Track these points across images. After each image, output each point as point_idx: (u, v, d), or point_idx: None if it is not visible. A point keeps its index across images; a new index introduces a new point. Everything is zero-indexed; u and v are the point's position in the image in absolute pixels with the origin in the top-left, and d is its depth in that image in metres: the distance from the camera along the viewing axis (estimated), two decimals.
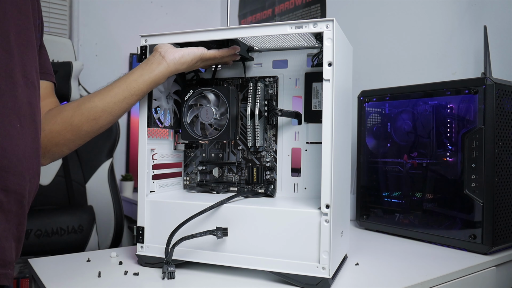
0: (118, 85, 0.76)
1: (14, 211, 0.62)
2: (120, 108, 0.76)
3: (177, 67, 0.79)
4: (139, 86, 0.76)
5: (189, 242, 0.77)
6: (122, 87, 0.76)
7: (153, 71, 0.77)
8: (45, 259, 0.87)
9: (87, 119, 0.74)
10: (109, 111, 0.75)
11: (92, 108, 0.75)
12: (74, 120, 0.74)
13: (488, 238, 0.93)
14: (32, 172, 0.65)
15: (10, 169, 0.61)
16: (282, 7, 2.04)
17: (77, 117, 0.74)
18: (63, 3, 2.11)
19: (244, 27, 0.77)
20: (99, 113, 0.75)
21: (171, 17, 2.37)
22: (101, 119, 0.75)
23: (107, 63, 2.19)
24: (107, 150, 1.69)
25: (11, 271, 0.62)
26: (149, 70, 0.77)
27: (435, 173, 1.05)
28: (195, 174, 0.97)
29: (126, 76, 0.77)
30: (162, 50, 0.79)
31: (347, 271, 0.82)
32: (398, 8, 1.50)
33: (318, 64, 0.88)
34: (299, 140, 0.91)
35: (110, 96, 0.75)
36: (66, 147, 0.76)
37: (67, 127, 0.74)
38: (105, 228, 1.64)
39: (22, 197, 0.63)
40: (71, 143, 0.76)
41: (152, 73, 0.77)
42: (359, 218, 1.21)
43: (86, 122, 0.75)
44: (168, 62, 0.77)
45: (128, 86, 0.76)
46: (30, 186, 0.65)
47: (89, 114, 0.75)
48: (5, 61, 0.62)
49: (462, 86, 0.99)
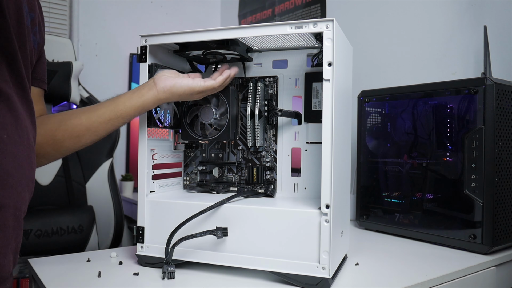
0: (106, 105, 0.76)
1: (11, 226, 0.60)
2: (105, 128, 0.75)
3: (166, 95, 0.77)
4: (126, 109, 0.75)
5: (189, 242, 0.77)
6: (109, 108, 0.75)
7: (142, 96, 0.76)
8: (45, 259, 0.87)
9: (70, 135, 0.74)
10: (93, 130, 0.75)
11: (77, 125, 0.74)
12: (57, 135, 0.74)
13: (488, 238, 0.93)
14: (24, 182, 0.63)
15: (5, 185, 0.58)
16: (282, 7, 2.04)
17: (60, 132, 0.74)
18: (63, 3, 2.11)
19: (244, 27, 0.77)
20: (83, 131, 0.74)
21: (171, 17, 2.38)
22: (84, 137, 0.75)
23: (107, 63, 2.19)
24: (107, 150, 1.69)
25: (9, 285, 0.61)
26: (139, 95, 0.76)
27: (435, 173, 1.05)
28: (195, 174, 0.97)
29: (117, 97, 0.77)
30: (156, 77, 0.78)
31: (347, 271, 0.82)
32: (398, 8, 1.50)
33: (318, 64, 0.88)
34: (299, 140, 0.91)
35: (96, 116, 0.75)
36: (45, 159, 0.76)
37: (49, 140, 0.74)
38: (105, 228, 1.64)
39: (17, 210, 0.61)
40: (50, 156, 0.76)
41: (140, 98, 0.76)
42: (359, 218, 1.21)
43: (69, 139, 0.74)
44: (158, 89, 0.76)
45: (115, 108, 0.75)
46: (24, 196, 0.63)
47: (72, 130, 0.74)
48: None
49: (462, 86, 0.99)
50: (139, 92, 0.77)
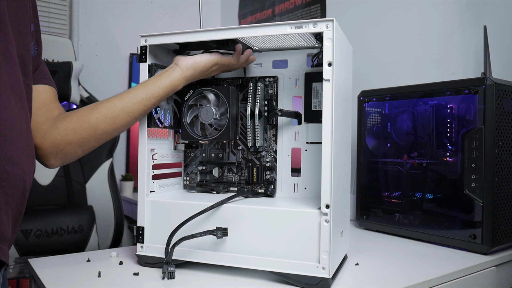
0: (136, 88, 0.79)
1: (18, 186, 0.62)
2: (138, 109, 0.77)
3: (190, 72, 0.82)
4: (156, 89, 0.78)
5: (189, 242, 0.77)
6: (140, 90, 0.78)
7: (168, 76, 0.80)
8: (45, 259, 0.87)
9: (105, 117, 0.75)
10: (128, 111, 0.76)
11: (111, 106, 0.76)
12: (92, 118, 0.74)
13: (488, 238, 0.93)
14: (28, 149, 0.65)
15: (12, 141, 0.60)
16: (282, 7, 2.04)
17: (94, 115, 0.74)
18: (63, 3, 2.11)
19: (244, 27, 0.77)
20: (117, 112, 0.75)
21: (171, 17, 2.37)
22: (119, 118, 0.76)
23: (107, 63, 2.19)
24: (107, 150, 1.69)
25: (7, 248, 0.61)
26: (165, 76, 0.80)
27: (435, 173, 1.05)
28: (195, 174, 0.97)
29: (144, 82, 0.80)
30: (176, 59, 0.83)
31: (347, 271, 0.82)
32: (398, 8, 1.50)
33: (318, 64, 0.88)
34: (299, 140, 0.91)
35: (128, 97, 0.77)
36: (80, 147, 0.75)
37: (84, 124, 0.74)
38: (105, 228, 1.64)
39: (23, 172, 0.62)
40: (85, 143, 0.75)
41: (168, 78, 0.79)
42: (359, 218, 1.21)
43: (104, 121, 0.75)
44: (182, 68, 0.81)
45: (146, 89, 0.78)
46: (28, 165, 0.64)
47: (107, 112, 0.75)
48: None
49: (462, 86, 0.99)
50: (165, 74, 0.80)
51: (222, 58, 0.84)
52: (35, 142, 0.72)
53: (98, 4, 2.16)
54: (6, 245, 0.61)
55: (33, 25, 0.74)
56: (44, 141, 0.72)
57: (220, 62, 0.84)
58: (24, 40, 0.68)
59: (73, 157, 0.76)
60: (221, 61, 0.84)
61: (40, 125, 0.73)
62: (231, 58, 0.85)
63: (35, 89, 0.75)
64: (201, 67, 0.82)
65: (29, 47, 0.70)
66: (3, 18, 0.63)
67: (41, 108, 0.75)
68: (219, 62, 0.84)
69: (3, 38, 0.62)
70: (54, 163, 0.75)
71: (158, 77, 0.80)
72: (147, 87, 0.78)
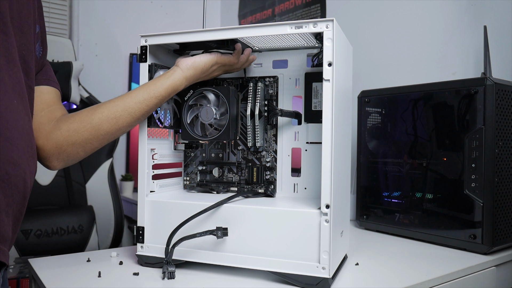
0: (137, 89, 0.79)
1: (19, 187, 0.62)
2: (140, 109, 0.77)
3: (191, 72, 0.82)
4: (157, 89, 0.79)
5: (189, 242, 0.77)
6: (141, 90, 0.78)
7: (169, 76, 0.80)
8: (45, 259, 0.87)
9: (107, 117, 0.75)
10: (130, 111, 0.76)
11: (113, 107, 0.76)
12: (94, 119, 0.75)
13: (488, 238, 0.93)
14: (30, 151, 0.65)
15: (14, 142, 0.61)
16: (282, 7, 2.04)
17: (97, 116, 0.75)
18: (63, 3, 2.11)
19: (244, 27, 0.77)
20: (119, 112, 0.76)
21: (171, 17, 2.38)
22: (121, 118, 0.76)
23: (107, 63, 2.19)
24: (107, 150, 1.70)
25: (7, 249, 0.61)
26: (166, 76, 0.80)
27: (435, 173, 1.05)
28: (195, 174, 0.97)
29: (146, 83, 0.81)
30: (177, 61, 0.84)
31: (347, 271, 0.82)
32: (398, 8, 1.50)
33: (318, 64, 0.88)
34: (299, 140, 0.91)
35: (130, 97, 0.77)
36: (82, 148, 0.75)
37: (86, 125, 0.74)
38: (105, 228, 1.64)
39: (24, 173, 0.63)
40: (88, 144, 0.75)
41: (169, 78, 0.80)
42: (359, 218, 1.21)
43: (106, 121, 0.75)
44: (182, 68, 0.82)
45: (147, 89, 0.78)
46: (29, 166, 0.64)
47: (109, 112, 0.75)
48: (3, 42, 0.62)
49: (462, 86, 0.99)
50: (166, 74, 0.81)
51: (222, 57, 0.84)
52: (37, 143, 0.72)
53: (98, 4, 2.16)
54: (7, 246, 0.61)
55: (38, 26, 0.74)
56: (47, 142, 0.73)
57: (220, 61, 0.84)
58: (27, 41, 0.68)
59: (75, 159, 0.77)
60: (221, 60, 0.84)
61: (43, 126, 0.73)
62: (231, 56, 0.85)
63: (38, 90, 0.75)
64: (201, 67, 0.83)
65: (32, 48, 0.70)
66: (5, 19, 0.63)
67: (44, 110, 0.75)
68: (219, 61, 0.84)
69: (4, 40, 0.62)
70: (57, 165, 0.75)
71: (160, 78, 0.80)
72: (148, 87, 0.79)
